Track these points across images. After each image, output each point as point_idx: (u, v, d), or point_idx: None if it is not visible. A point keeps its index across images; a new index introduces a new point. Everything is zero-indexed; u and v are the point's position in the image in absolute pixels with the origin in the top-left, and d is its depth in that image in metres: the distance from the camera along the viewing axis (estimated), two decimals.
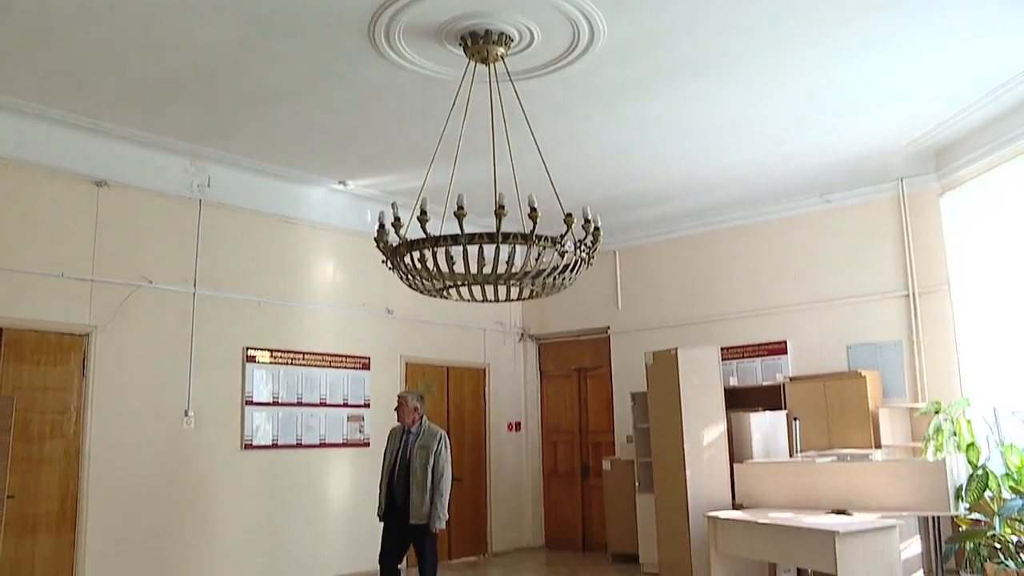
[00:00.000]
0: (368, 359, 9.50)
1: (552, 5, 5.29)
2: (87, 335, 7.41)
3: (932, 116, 7.43)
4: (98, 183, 7.55)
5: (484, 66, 5.73)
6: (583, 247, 5.13)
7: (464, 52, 5.69)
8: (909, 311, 8.59)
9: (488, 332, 11.06)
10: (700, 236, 10.19)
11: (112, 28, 5.57)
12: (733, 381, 9.40)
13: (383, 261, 5.39)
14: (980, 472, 6.98)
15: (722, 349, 8.89)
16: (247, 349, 8.46)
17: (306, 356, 8.93)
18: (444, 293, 5.52)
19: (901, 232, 8.72)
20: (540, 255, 4.96)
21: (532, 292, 5.45)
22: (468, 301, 5.59)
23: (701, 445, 8.08)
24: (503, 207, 4.76)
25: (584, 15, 5.41)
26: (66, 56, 5.98)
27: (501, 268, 4.95)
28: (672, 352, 8.28)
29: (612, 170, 8.51)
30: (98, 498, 7.28)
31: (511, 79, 5.81)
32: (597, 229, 5.15)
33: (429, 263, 5.06)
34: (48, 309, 7.18)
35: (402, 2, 5.25)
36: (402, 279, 5.38)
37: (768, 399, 8.96)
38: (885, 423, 8.16)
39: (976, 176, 7.94)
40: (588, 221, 5.08)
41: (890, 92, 6.86)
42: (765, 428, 8.45)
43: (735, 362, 9.60)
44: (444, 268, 5.07)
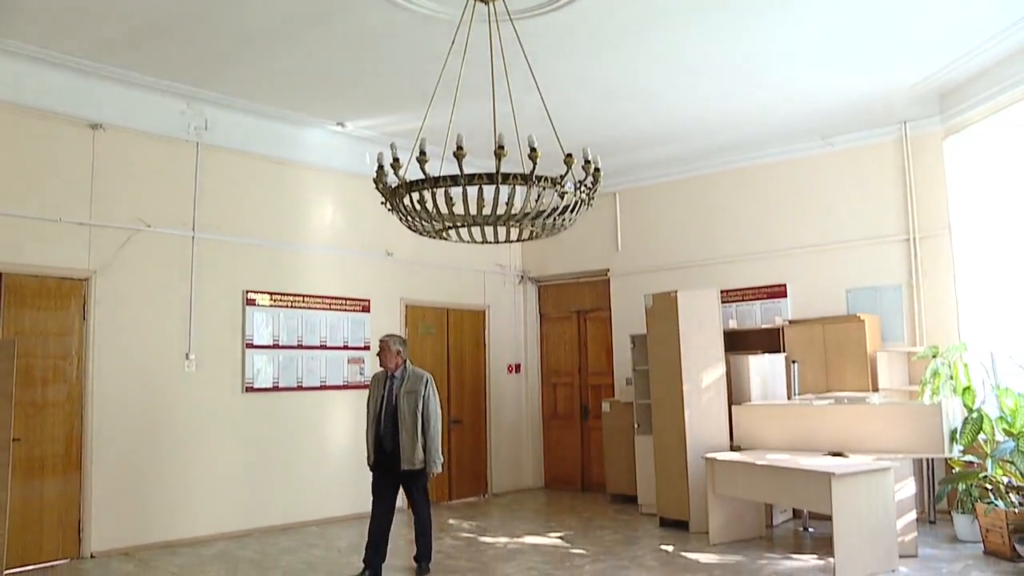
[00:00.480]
0: (368, 302, 9.52)
1: None
2: (87, 280, 7.41)
3: (937, 58, 7.33)
4: (93, 126, 7.49)
5: (484, 5, 5.65)
6: (583, 188, 5.09)
7: None
8: (909, 255, 8.59)
9: (488, 274, 11.07)
10: (701, 178, 10.13)
11: None
12: (732, 324, 9.43)
13: (382, 202, 5.37)
14: (975, 415, 7.04)
15: (722, 292, 8.90)
16: (247, 292, 8.47)
17: (306, 299, 8.95)
18: (443, 234, 5.50)
19: (903, 176, 8.67)
20: (540, 196, 4.93)
21: (532, 233, 5.43)
22: (468, 243, 5.59)
23: (700, 387, 8.14)
24: (503, 147, 4.72)
25: None
26: None
27: (501, 209, 4.93)
28: (672, 294, 8.29)
29: (612, 111, 8.43)
30: (102, 440, 7.36)
31: (511, 18, 5.73)
32: (597, 170, 5.11)
33: (428, 204, 5.03)
34: (47, 254, 7.18)
35: None
36: (401, 220, 5.36)
37: (767, 342, 9.00)
38: (883, 367, 8.21)
39: (980, 120, 7.86)
40: (588, 162, 5.04)
41: (894, 34, 6.76)
42: (764, 371, 8.50)
43: (734, 305, 9.62)
44: (443, 209, 5.05)
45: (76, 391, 7.30)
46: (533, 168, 4.74)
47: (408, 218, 5.28)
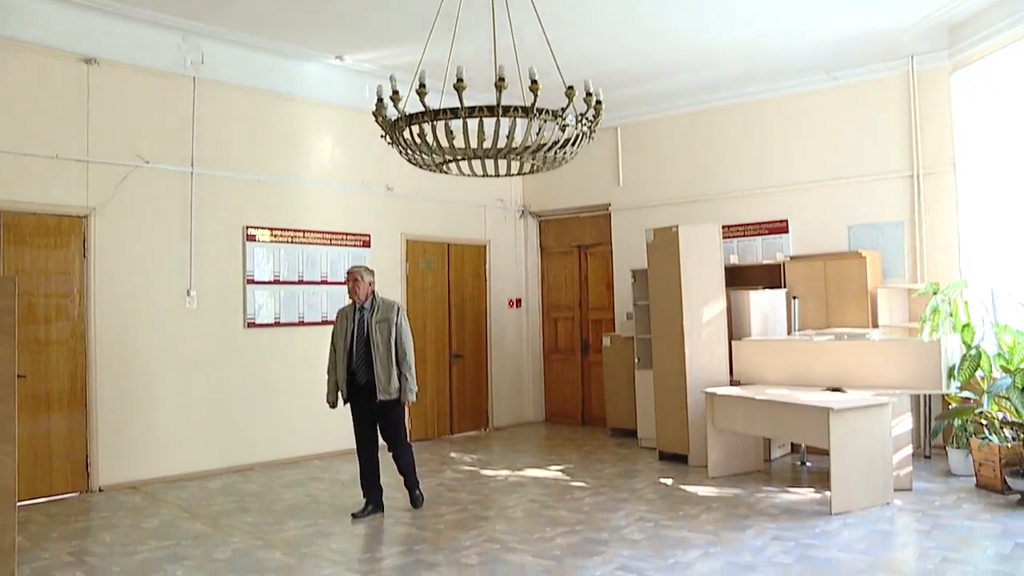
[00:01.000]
0: (368, 236, 9.49)
1: None
2: (86, 217, 7.37)
3: None
4: (87, 60, 7.37)
5: None
6: (584, 121, 5.04)
7: None
8: (913, 192, 8.52)
9: (489, 209, 11.02)
10: (703, 113, 10.01)
11: None
12: (733, 259, 9.41)
13: (382, 136, 5.32)
14: (973, 352, 7.07)
15: (723, 227, 8.87)
16: (247, 228, 8.44)
17: (306, 234, 8.92)
18: (444, 168, 5.47)
19: (909, 111, 8.55)
20: (541, 129, 4.88)
21: (533, 167, 5.39)
22: (468, 176, 5.55)
23: (700, 322, 8.16)
24: (503, 79, 4.65)
25: None
26: None
27: (501, 142, 4.88)
28: (673, 229, 8.25)
29: (614, 43, 8.28)
30: (106, 377, 7.42)
31: None
32: (599, 102, 5.05)
33: (428, 137, 4.98)
34: (45, 191, 7.13)
35: None
36: (401, 154, 5.32)
37: (768, 278, 8.99)
38: (883, 303, 8.22)
39: (989, 53, 7.71)
40: (590, 94, 4.97)
41: None
42: (764, 306, 8.51)
43: (736, 240, 9.59)
44: (444, 142, 5.00)
45: (79, 329, 7.32)
46: (534, 100, 4.69)
47: (408, 151, 5.24)
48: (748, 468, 7.72)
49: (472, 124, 4.74)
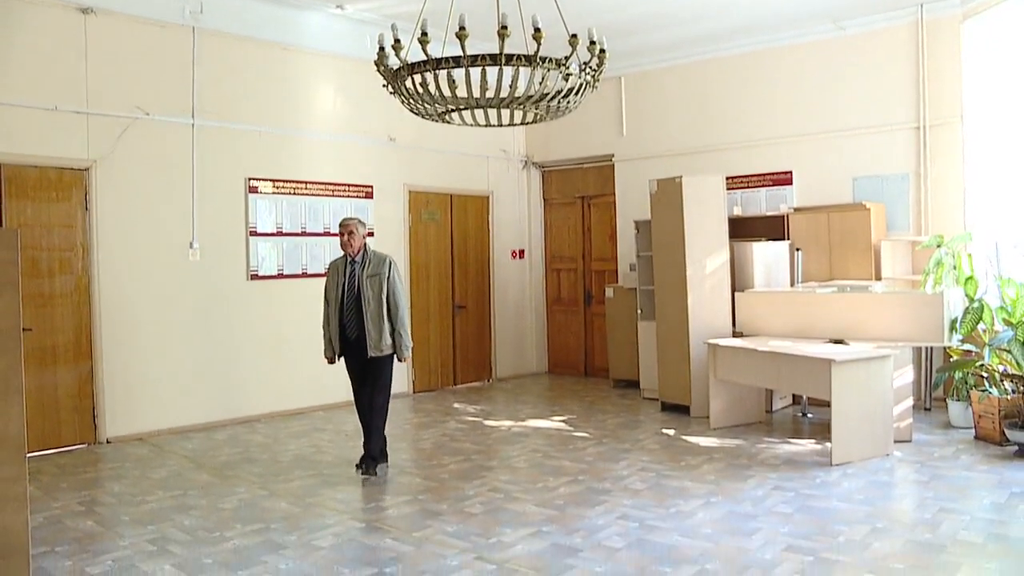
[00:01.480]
0: (371, 188, 9.45)
1: None
2: (87, 170, 7.33)
3: None
4: (84, 10, 7.26)
5: None
6: (588, 70, 4.99)
7: None
8: (918, 144, 8.44)
9: (491, 159, 10.96)
10: (708, 63, 9.89)
11: None
12: (737, 211, 9.37)
13: (384, 85, 5.27)
14: (976, 305, 7.06)
15: (727, 178, 8.82)
16: (249, 180, 8.40)
17: (309, 185, 8.88)
18: (446, 117, 5.43)
19: (917, 61, 8.42)
20: (544, 78, 4.83)
21: (536, 116, 5.35)
22: (471, 126, 5.51)
23: (703, 273, 8.15)
24: (506, 28, 4.59)
25: None
26: None
27: (504, 92, 4.83)
28: (677, 180, 8.21)
29: None
30: (111, 330, 7.45)
31: None
32: (603, 51, 4.99)
33: (431, 87, 4.94)
34: (45, 144, 7.08)
35: None
36: (403, 103, 5.27)
37: (771, 229, 8.96)
38: (887, 256, 8.19)
39: (1003, 0, 7.58)
40: (593, 43, 4.92)
41: None
42: (767, 258, 8.50)
43: (740, 191, 9.53)
44: (446, 92, 4.96)
45: (83, 282, 7.33)
46: (537, 49, 4.64)
47: (410, 101, 5.20)
48: (749, 419, 7.77)
49: (475, 73, 4.70)
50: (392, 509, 5.51)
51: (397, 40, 4.93)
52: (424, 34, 4.65)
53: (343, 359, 6.48)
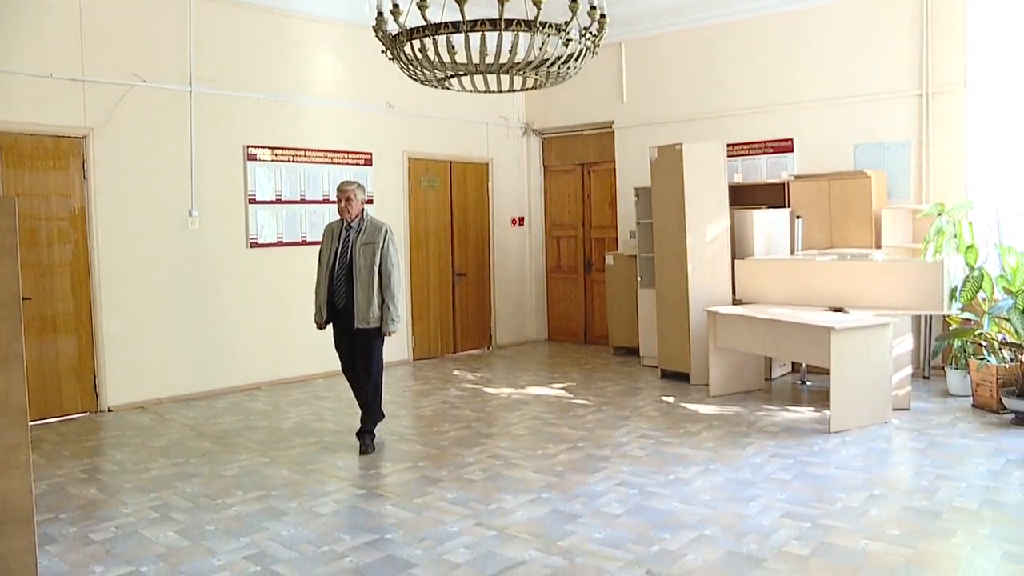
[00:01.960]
0: (370, 155, 9.41)
1: None
2: (84, 138, 7.29)
3: None
4: None
5: None
6: (588, 35, 4.95)
7: None
8: (921, 111, 8.36)
9: (491, 126, 10.90)
10: (709, 28, 9.78)
11: None
12: (738, 178, 9.33)
13: (383, 51, 5.23)
14: (976, 273, 7.05)
15: (728, 145, 8.76)
16: (248, 147, 8.36)
17: (308, 153, 8.84)
18: (445, 84, 5.39)
19: (921, 26, 8.33)
20: (544, 43, 4.79)
21: (536, 82, 5.32)
22: (470, 92, 5.47)
23: (704, 241, 8.14)
24: None
25: None
26: None
27: (504, 57, 4.79)
28: (677, 147, 8.16)
29: None
30: (111, 299, 7.46)
31: None
32: (603, 16, 4.94)
33: (430, 52, 4.90)
34: (41, 112, 7.03)
35: None
36: (402, 70, 5.24)
37: (772, 197, 8.92)
38: (887, 224, 8.16)
39: None
40: (594, 8, 4.88)
41: None
42: (768, 226, 8.47)
43: (740, 159, 9.48)
44: (445, 57, 4.92)
45: (82, 250, 7.32)
46: (537, 14, 4.59)
47: (409, 67, 5.16)
48: (749, 387, 7.80)
49: (474, 38, 4.66)
50: (392, 476, 5.55)
51: (396, 5, 4.88)
52: None
53: (332, 327, 6.28)
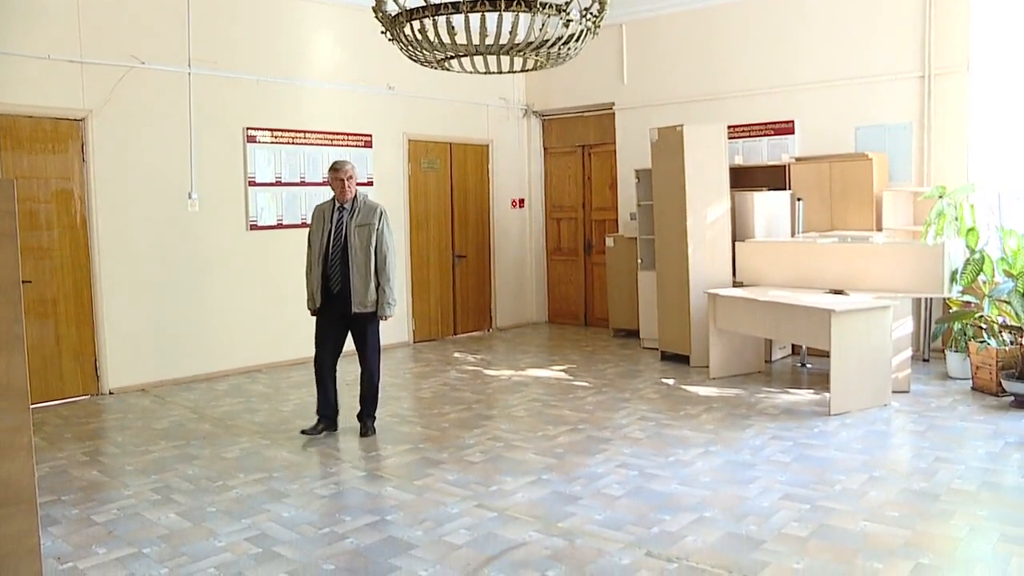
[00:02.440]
0: (370, 136, 9.38)
1: None
2: (83, 120, 7.26)
3: None
4: None
5: None
6: (589, 16, 4.92)
7: None
8: (923, 93, 8.32)
9: (491, 108, 10.86)
10: (710, 9, 9.72)
11: None
12: (738, 160, 9.30)
13: (382, 32, 5.20)
14: (977, 256, 7.04)
15: (728, 127, 8.72)
16: (247, 129, 8.33)
17: (307, 135, 8.81)
18: (445, 65, 5.37)
19: (923, 7, 8.27)
20: (544, 24, 4.77)
21: (536, 64, 5.30)
22: (470, 73, 5.46)
23: (704, 223, 8.12)
24: None
25: None
26: None
27: (504, 38, 4.77)
28: (678, 129, 8.14)
29: None
30: (111, 282, 7.46)
31: None
32: None
33: (429, 33, 4.87)
34: (39, 94, 7.00)
35: None
36: (402, 51, 5.21)
37: (773, 179, 8.90)
38: (888, 206, 8.14)
39: None
40: None
41: None
42: (768, 208, 8.46)
43: (741, 141, 9.45)
44: (445, 38, 4.89)
45: (81, 233, 7.30)
46: None
47: (409, 48, 5.14)
48: (749, 369, 7.81)
49: (474, 19, 4.63)
50: (393, 458, 5.56)
51: None
52: None
53: (319, 311, 6.08)
